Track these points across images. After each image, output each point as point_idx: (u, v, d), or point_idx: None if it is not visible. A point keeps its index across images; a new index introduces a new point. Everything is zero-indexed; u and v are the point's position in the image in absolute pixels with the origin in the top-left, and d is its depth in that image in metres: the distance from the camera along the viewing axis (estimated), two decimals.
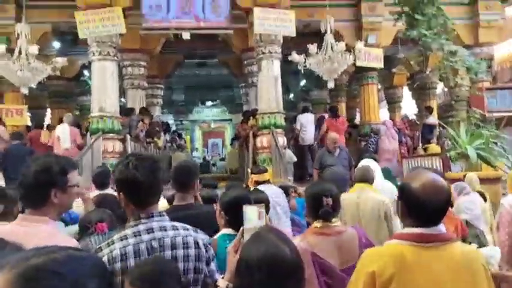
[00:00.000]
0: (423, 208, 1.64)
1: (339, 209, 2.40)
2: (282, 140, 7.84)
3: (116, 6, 7.46)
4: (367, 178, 3.74)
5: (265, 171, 4.34)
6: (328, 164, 5.90)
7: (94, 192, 3.57)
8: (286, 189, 4.43)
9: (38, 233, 1.63)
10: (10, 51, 7.43)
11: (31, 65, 6.77)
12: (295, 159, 8.70)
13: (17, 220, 1.75)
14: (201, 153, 22.15)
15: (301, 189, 5.76)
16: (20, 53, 6.94)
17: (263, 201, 2.71)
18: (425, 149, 9.40)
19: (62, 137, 7.79)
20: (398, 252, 1.64)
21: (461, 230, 3.88)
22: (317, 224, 2.33)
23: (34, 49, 6.84)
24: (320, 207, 2.30)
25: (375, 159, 5.33)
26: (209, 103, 22.24)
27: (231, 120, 22.11)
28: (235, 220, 2.23)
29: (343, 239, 2.30)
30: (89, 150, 7.21)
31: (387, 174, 7.74)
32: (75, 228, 2.41)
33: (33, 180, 1.69)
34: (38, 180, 1.69)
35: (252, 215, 1.92)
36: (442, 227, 1.68)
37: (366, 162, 4.25)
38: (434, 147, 8.96)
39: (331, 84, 7.59)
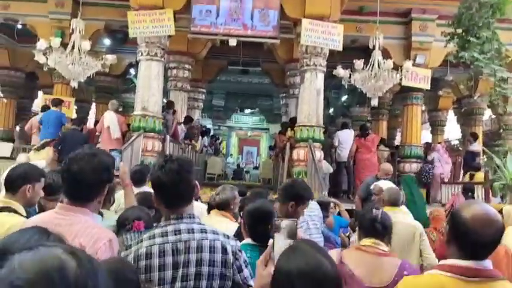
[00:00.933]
0: (471, 240, 1.57)
1: (389, 232, 2.42)
2: (319, 154, 7.77)
3: (167, 9, 7.65)
4: (398, 201, 3.70)
5: None
6: None
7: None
8: (325, 205, 4.36)
9: (79, 222, 1.68)
10: (63, 45, 7.75)
11: (82, 59, 7.02)
12: (331, 170, 8.62)
13: (56, 209, 1.78)
14: (236, 159, 22.29)
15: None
16: (73, 47, 7.21)
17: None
18: (471, 177, 9.05)
19: (112, 127, 7.93)
20: (439, 283, 1.58)
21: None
22: (362, 242, 2.37)
23: (86, 45, 7.10)
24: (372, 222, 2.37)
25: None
26: (248, 111, 22.41)
27: (268, 129, 22.19)
28: (255, 231, 2.32)
29: (381, 261, 2.29)
30: (129, 146, 7.37)
31: (411, 181, 7.62)
32: (112, 222, 2.47)
33: (96, 177, 1.75)
34: (100, 177, 1.77)
35: (283, 228, 1.90)
36: (488, 263, 1.60)
37: (384, 183, 4.12)
38: (481, 176, 8.63)
39: (374, 102, 7.47)
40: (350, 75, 7.37)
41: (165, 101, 11.21)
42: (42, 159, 6.57)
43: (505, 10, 7.15)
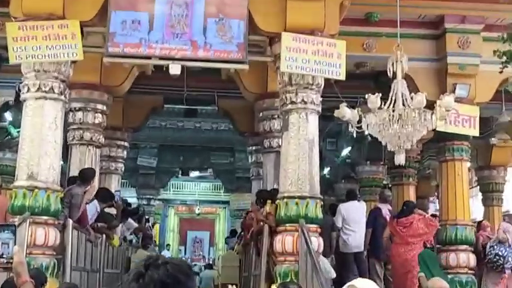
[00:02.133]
0: None
1: None
2: (316, 243, 7.75)
3: (70, 20, 7.68)
4: None
5: None
6: None
7: None
8: None
9: None
10: None
11: None
12: (333, 274, 8.54)
13: None
14: (176, 253, 21.95)
15: None
16: None
17: None
18: None
19: None
20: None
21: None
22: None
23: None
24: None
25: None
26: (194, 174, 22.36)
27: (227, 203, 22.12)
28: None
29: None
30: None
31: (430, 258, 8.14)
32: None
33: None
34: None
35: None
36: None
37: (363, 282, 3.95)
38: None
39: (400, 159, 7.56)
40: (360, 117, 7.50)
41: (62, 163, 11.07)
42: None
43: None
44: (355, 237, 9.69)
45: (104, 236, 9.90)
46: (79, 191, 8.65)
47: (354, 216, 9.76)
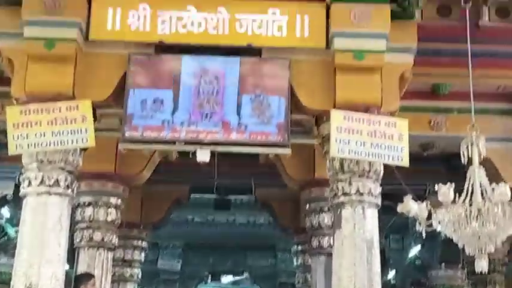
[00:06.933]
0: None
1: None
2: None
3: (81, 100, 7.79)
4: None
5: None
6: None
7: None
8: None
9: None
10: None
11: None
12: None
13: None
14: None
15: None
16: None
17: None
18: None
19: None
20: None
21: None
22: None
23: None
24: None
25: None
26: (227, 278, 22.27)
27: None
28: None
29: None
30: None
31: None
32: None
33: None
34: None
35: None
36: None
37: None
38: None
39: (482, 265, 7.31)
40: (430, 212, 7.36)
41: (68, 269, 11.08)
42: None
43: None
44: None
45: None
46: None
47: None
